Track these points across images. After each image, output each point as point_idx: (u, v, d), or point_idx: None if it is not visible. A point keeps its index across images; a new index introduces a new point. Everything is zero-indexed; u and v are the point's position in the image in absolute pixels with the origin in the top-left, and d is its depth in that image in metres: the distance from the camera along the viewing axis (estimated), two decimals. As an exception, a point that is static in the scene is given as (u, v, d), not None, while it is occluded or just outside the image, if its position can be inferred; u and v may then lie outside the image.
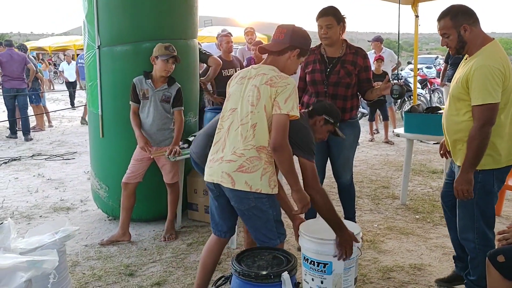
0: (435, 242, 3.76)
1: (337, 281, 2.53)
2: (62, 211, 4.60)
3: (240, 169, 2.27)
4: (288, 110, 2.24)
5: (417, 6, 7.03)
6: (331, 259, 2.50)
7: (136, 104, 3.74)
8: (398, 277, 3.19)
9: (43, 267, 1.69)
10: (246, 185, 2.27)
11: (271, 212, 2.35)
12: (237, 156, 2.29)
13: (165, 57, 3.61)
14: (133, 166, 3.76)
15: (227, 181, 2.30)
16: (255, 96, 2.29)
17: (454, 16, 2.51)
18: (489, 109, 2.42)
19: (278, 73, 2.34)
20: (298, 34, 2.42)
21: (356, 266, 2.66)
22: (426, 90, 11.96)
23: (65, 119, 11.42)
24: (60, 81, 25.78)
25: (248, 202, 2.30)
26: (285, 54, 2.41)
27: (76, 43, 26.95)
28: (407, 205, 4.69)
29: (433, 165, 6.39)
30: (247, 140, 2.28)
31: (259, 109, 2.27)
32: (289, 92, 2.26)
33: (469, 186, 2.51)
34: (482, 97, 2.41)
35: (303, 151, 2.47)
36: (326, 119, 2.77)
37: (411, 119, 4.54)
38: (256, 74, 2.37)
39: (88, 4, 3.98)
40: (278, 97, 2.26)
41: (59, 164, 6.64)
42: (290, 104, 2.25)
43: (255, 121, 2.27)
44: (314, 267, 2.56)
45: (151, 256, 3.54)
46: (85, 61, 4.28)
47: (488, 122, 2.43)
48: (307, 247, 2.57)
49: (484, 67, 2.41)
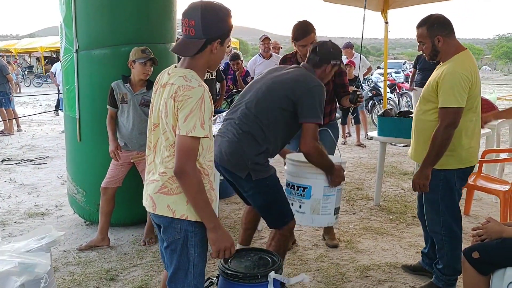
0: (409, 241, 3.90)
1: (315, 206, 2.61)
2: (37, 216, 4.53)
3: (162, 190, 1.92)
4: (188, 131, 1.79)
5: (386, 13, 7.25)
6: (311, 183, 2.59)
7: (113, 109, 3.72)
8: (375, 276, 3.30)
9: (36, 271, 1.69)
10: (169, 210, 1.90)
11: (193, 253, 1.95)
12: (160, 175, 1.93)
13: (142, 60, 3.62)
14: (113, 171, 3.75)
15: (149, 205, 1.97)
16: (164, 111, 1.90)
17: (430, 27, 2.70)
18: (454, 113, 2.62)
19: (186, 82, 1.84)
20: (210, 21, 1.87)
21: (338, 197, 2.75)
22: (395, 94, 12.28)
23: (34, 123, 11.16)
24: (26, 84, 25.13)
25: (173, 233, 1.93)
26: (205, 50, 1.90)
27: (43, 45, 26.42)
28: (380, 206, 4.84)
29: (403, 167, 6.60)
30: (168, 158, 1.91)
31: (169, 127, 1.88)
32: (190, 107, 1.80)
33: (426, 181, 2.75)
34: (448, 100, 2.61)
35: (310, 116, 2.55)
36: (334, 63, 2.82)
37: (384, 122, 4.68)
38: (167, 82, 1.92)
39: (66, 8, 3.95)
40: (179, 113, 1.82)
41: (31, 169, 6.50)
42: (191, 122, 1.80)
43: (172, 140, 1.89)
44: (294, 191, 2.64)
45: (132, 261, 3.54)
46: (62, 64, 4.24)
47: (451, 124, 2.63)
48: (289, 170, 2.72)
49: (454, 73, 2.62)
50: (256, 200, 2.68)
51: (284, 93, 2.62)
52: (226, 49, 2.05)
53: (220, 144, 2.67)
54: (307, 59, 2.87)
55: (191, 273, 1.96)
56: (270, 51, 7.21)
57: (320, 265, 3.46)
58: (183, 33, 1.91)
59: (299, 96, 2.59)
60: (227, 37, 1.95)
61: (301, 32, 3.42)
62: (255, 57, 7.38)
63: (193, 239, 1.94)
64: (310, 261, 3.51)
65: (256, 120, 2.61)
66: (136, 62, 3.62)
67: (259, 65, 7.15)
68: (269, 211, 2.68)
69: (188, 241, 1.93)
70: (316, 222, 2.77)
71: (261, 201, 2.66)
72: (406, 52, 68.85)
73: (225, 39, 1.93)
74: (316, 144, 2.57)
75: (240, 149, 2.58)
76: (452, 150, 2.72)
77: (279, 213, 2.67)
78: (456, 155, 2.74)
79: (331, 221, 2.82)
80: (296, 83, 2.64)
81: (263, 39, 7.22)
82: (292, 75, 2.71)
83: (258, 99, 2.66)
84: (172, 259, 1.97)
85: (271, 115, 2.62)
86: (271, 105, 2.63)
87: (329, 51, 2.80)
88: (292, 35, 3.48)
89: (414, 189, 2.83)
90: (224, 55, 2.06)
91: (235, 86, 6.36)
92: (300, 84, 2.63)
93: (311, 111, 2.57)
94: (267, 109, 2.62)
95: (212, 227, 1.90)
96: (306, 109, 2.57)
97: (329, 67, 2.81)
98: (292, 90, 2.61)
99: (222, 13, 1.89)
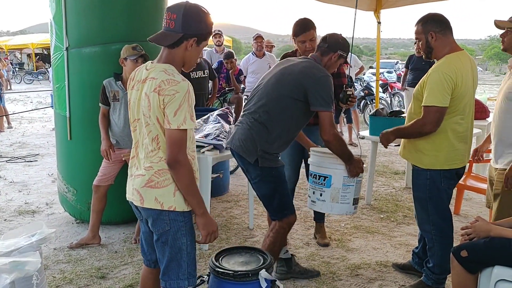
0: (399, 240, 3.93)
1: (335, 195, 2.82)
2: (28, 214, 4.50)
3: (149, 184, 1.98)
4: (179, 124, 1.88)
5: (379, 13, 7.27)
6: (331, 173, 2.82)
7: (105, 107, 3.71)
8: (365, 274, 3.32)
9: (26, 269, 1.68)
10: (157, 202, 1.97)
11: (185, 241, 2.03)
12: (146, 170, 2.00)
13: (134, 57, 3.60)
14: (105, 169, 3.73)
15: (136, 199, 2.03)
16: (146, 106, 1.95)
17: (425, 23, 2.74)
18: (435, 112, 2.66)
19: (169, 76, 1.91)
20: (191, 18, 1.94)
21: (357, 188, 2.91)
22: (387, 94, 12.34)
23: (25, 120, 11.08)
24: (17, 81, 24.95)
25: (162, 225, 2.00)
26: (181, 45, 1.97)
27: (34, 42, 26.21)
28: (372, 205, 4.86)
29: (395, 166, 6.63)
30: (153, 152, 1.99)
31: (153, 120, 1.94)
32: (178, 101, 1.88)
33: (386, 142, 2.99)
34: (430, 99, 2.65)
35: (321, 105, 2.67)
36: (341, 54, 2.89)
37: (376, 122, 4.71)
38: (147, 77, 1.97)
39: (56, 5, 3.92)
40: (167, 108, 1.89)
41: (21, 167, 6.45)
42: (181, 116, 1.88)
43: (155, 133, 1.96)
44: (316, 180, 2.90)
45: (122, 259, 3.53)
46: (52, 62, 4.21)
47: (430, 122, 2.69)
48: (312, 161, 2.96)
49: (438, 72, 2.65)
50: (260, 188, 2.81)
51: (293, 83, 2.74)
52: (201, 51, 2.09)
53: (235, 132, 2.82)
54: (317, 47, 2.97)
55: (184, 262, 2.04)
56: (263, 50, 7.21)
57: (311, 263, 3.47)
58: (164, 25, 1.98)
59: (308, 86, 2.70)
60: (204, 39, 2.02)
61: (300, 27, 3.44)
62: (248, 56, 7.38)
63: (183, 228, 2.02)
64: (301, 259, 3.52)
65: (267, 110, 2.74)
66: (128, 59, 3.61)
67: (252, 63, 7.15)
68: (271, 201, 2.81)
69: (178, 231, 2.01)
70: (335, 210, 2.95)
71: (265, 190, 2.79)
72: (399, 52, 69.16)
73: (202, 40, 2.00)
74: (335, 132, 2.71)
75: (251, 136, 2.72)
76: (437, 151, 2.76)
77: (280, 204, 2.79)
78: (441, 155, 2.77)
79: (349, 210, 2.96)
80: (304, 74, 2.74)
81: (256, 37, 7.22)
82: (300, 66, 2.81)
83: (268, 90, 2.79)
84: (164, 251, 2.04)
85: (281, 105, 2.73)
86: (281, 95, 2.74)
87: (338, 41, 2.90)
88: (292, 31, 3.49)
89: (381, 142, 3.02)
90: (197, 57, 2.10)
91: (228, 84, 6.36)
92: (308, 74, 2.74)
93: (321, 100, 2.69)
94: (277, 100, 2.74)
95: (202, 213, 2.01)
96: (316, 98, 2.69)
97: (335, 56, 2.88)
98: (301, 80, 2.73)
99: (203, 14, 1.97)
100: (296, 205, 4.66)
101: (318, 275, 3.27)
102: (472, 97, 2.82)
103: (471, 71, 2.77)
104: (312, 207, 3.05)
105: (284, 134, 2.79)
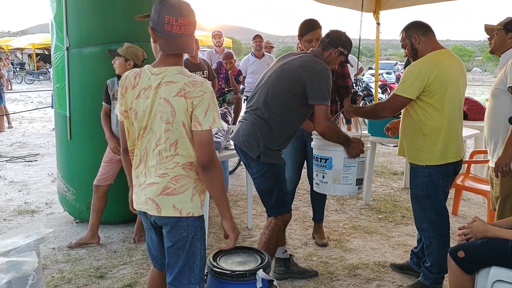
0: (397, 241, 3.94)
1: (336, 176, 2.88)
2: (27, 214, 4.51)
3: (165, 192, 1.93)
4: (210, 124, 1.88)
5: (378, 14, 7.28)
6: (331, 154, 2.90)
7: (108, 105, 3.73)
8: (363, 274, 3.33)
9: (23, 269, 1.69)
10: (175, 210, 1.93)
11: (199, 246, 2.02)
12: (160, 177, 1.94)
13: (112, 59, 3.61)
14: (104, 168, 3.74)
15: (152, 208, 1.96)
16: (168, 112, 1.88)
17: (407, 29, 2.88)
18: (399, 101, 2.81)
19: (189, 78, 1.89)
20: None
21: (359, 168, 2.94)
22: (386, 94, 12.35)
23: (25, 120, 11.09)
24: (18, 81, 24.96)
25: (180, 231, 1.97)
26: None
27: (35, 42, 26.22)
28: (370, 205, 4.87)
29: (393, 167, 6.64)
30: (168, 158, 1.93)
31: (177, 125, 1.89)
32: (207, 102, 1.87)
33: (347, 114, 3.20)
34: (400, 88, 2.79)
35: (318, 98, 2.69)
36: (341, 51, 2.89)
37: (375, 123, 4.70)
38: (161, 83, 1.89)
39: (56, 5, 3.93)
40: (196, 110, 1.87)
41: (21, 166, 6.46)
42: (211, 116, 1.88)
43: (175, 138, 1.91)
44: (318, 163, 2.99)
45: (121, 258, 3.54)
46: (52, 62, 4.22)
47: (389, 107, 2.86)
48: (314, 144, 3.03)
49: (413, 65, 2.78)
50: (260, 183, 2.84)
51: (293, 78, 2.76)
52: (156, 47, 1.95)
53: (239, 128, 2.86)
54: (319, 42, 2.99)
55: (197, 266, 2.04)
56: (262, 50, 7.22)
57: (309, 263, 3.48)
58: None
59: (306, 79, 2.72)
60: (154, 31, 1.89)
61: (307, 27, 3.42)
62: (248, 56, 7.39)
63: (199, 233, 2.02)
64: (300, 259, 3.53)
65: (268, 107, 2.76)
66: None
67: (251, 64, 7.16)
68: (269, 196, 2.83)
69: (195, 236, 2.00)
70: (338, 191, 2.99)
71: (265, 186, 2.82)
72: (398, 53, 69.02)
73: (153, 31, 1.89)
74: (329, 124, 2.73)
75: (254, 132, 2.76)
76: (432, 146, 2.81)
77: (277, 200, 2.82)
78: (436, 150, 2.82)
79: (352, 191, 2.99)
80: (303, 68, 2.76)
81: (255, 37, 7.23)
82: (299, 60, 2.82)
83: (269, 86, 2.81)
84: (178, 257, 2.00)
85: (281, 101, 2.76)
86: (281, 91, 2.77)
87: (340, 37, 2.91)
88: (299, 32, 3.47)
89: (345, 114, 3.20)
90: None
91: (227, 85, 6.36)
92: (306, 68, 2.76)
93: (318, 93, 2.71)
94: (278, 95, 2.76)
95: (229, 216, 2.04)
96: (313, 91, 2.71)
97: (335, 52, 2.88)
98: (300, 74, 2.74)
99: (156, 6, 1.86)
100: (295, 205, 4.68)
101: (316, 275, 3.28)
102: (458, 92, 2.84)
103: (457, 68, 2.85)
104: (317, 189, 3.11)
105: (286, 130, 2.82)
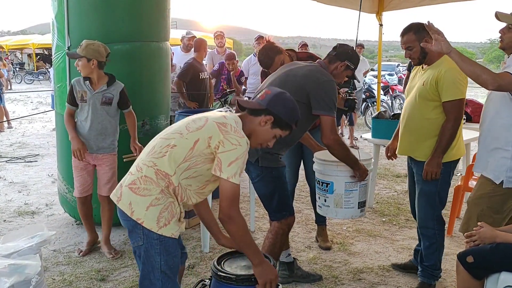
0: (402, 244, 3.90)
1: (338, 200, 2.87)
2: (27, 215, 4.47)
3: (131, 185, 1.92)
4: (229, 176, 1.85)
5: (381, 15, 7.26)
6: (332, 179, 2.88)
7: (72, 107, 3.48)
8: (368, 278, 3.28)
9: (26, 272, 1.65)
10: (129, 208, 1.90)
11: (158, 260, 1.94)
12: (136, 170, 1.95)
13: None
14: (79, 178, 3.55)
15: (116, 194, 1.97)
16: (198, 124, 1.94)
17: (417, 31, 2.79)
18: (460, 104, 2.75)
19: (236, 126, 1.93)
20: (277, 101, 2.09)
21: (362, 192, 2.92)
22: (388, 96, 12.32)
23: (25, 120, 11.05)
24: (17, 81, 24.93)
25: (136, 238, 1.94)
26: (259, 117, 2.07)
27: (35, 42, 26.21)
28: (373, 208, 4.83)
29: (396, 169, 6.60)
30: (154, 154, 1.93)
31: (190, 136, 1.91)
32: (236, 155, 1.87)
33: (438, 169, 2.82)
34: (453, 93, 2.72)
35: (323, 108, 2.66)
36: (348, 65, 2.87)
37: (378, 125, 4.68)
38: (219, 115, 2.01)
39: (58, 4, 3.90)
40: (222, 152, 1.87)
41: (21, 167, 6.42)
42: (234, 169, 1.86)
43: (177, 143, 1.91)
44: (320, 186, 2.97)
45: (123, 261, 3.50)
46: (53, 62, 4.18)
47: (459, 115, 2.76)
48: (316, 168, 3.01)
49: (453, 69, 2.70)
50: (260, 188, 2.81)
51: (296, 85, 2.72)
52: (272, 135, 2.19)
53: None
54: (326, 54, 2.98)
55: (159, 280, 1.97)
56: (264, 51, 7.17)
57: (313, 267, 3.44)
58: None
59: (310, 89, 2.69)
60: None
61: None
62: (250, 57, 7.35)
63: (158, 247, 1.93)
64: (303, 263, 3.49)
65: None
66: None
67: (253, 65, 7.11)
68: (270, 201, 2.80)
69: (152, 248, 1.93)
70: (340, 215, 3.00)
71: (265, 190, 2.79)
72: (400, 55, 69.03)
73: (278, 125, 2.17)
74: (336, 137, 2.70)
75: None
76: (453, 145, 2.84)
77: (278, 204, 2.79)
78: (455, 147, 2.85)
79: (355, 214, 2.98)
80: (308, 77, 2.74)
81: (258, 38, 7.19)
82: (304, 70, 2.81)
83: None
84: (139, 265, 2.03)
85: None
86: None
87: (347, 51, 2.90)
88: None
89: (425, 177, 2.85)
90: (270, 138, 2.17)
91: (229, 86, 6.34)
92: (311, 78, 2.73)
93: (323, 103, 2.69)
94: None
95: (258, 262, 1.99)
96: (317, 101, 2.69)
97: (342, 66, 2.86)
98: (304, 83, 2.72)
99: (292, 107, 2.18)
100: (298, 208, 4.64)
101: (320, 279, 3.24)
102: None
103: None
104: (320, 211, 3.12)
105: (286, 137, 2.75)
